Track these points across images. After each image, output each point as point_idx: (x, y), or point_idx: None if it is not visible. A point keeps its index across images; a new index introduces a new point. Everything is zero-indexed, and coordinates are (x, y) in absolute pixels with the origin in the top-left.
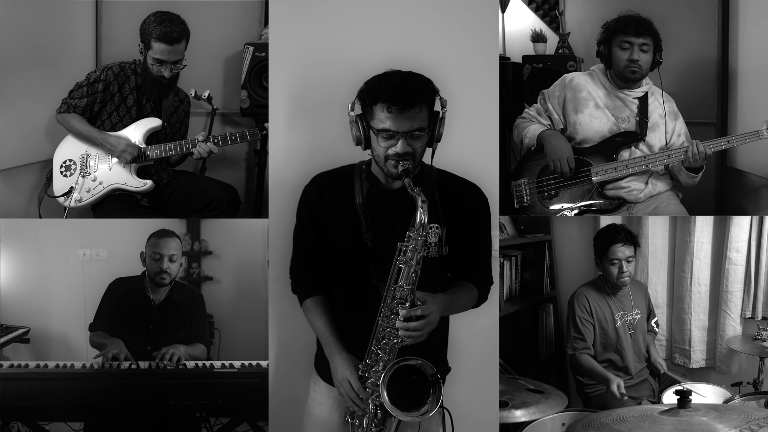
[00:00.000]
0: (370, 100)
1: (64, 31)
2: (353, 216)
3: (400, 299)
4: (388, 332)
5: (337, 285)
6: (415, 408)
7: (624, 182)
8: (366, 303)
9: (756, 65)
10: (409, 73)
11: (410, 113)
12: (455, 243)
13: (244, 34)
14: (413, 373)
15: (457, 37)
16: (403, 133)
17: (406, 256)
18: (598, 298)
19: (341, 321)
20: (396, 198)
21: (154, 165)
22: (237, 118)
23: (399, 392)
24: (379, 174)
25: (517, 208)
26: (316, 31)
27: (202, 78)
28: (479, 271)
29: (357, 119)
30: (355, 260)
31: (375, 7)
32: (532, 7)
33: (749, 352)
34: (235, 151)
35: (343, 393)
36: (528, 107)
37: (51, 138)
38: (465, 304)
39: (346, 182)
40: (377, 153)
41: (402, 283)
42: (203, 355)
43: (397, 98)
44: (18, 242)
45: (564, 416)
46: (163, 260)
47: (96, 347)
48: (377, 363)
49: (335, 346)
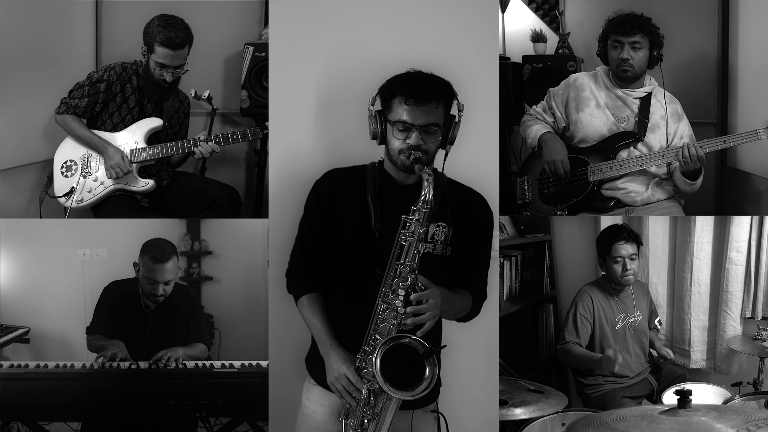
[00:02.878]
0: (390, 94)
1: (64, 31)
2: (364, 208)
3: (401, 276)
4: (388, 313)
5: (339, 278)
6: (410, 388)
7: (621, 183)
8: (369, 297)
9: (756, 65)
10: (430, 74)
11: (427, 107)
12: (457, 248)
13: (244, 34)
14: (408, 357)
15: (457, 37)
16: (418, 126)
17: (409, 231)
18: (602, 299)
19: (340, 316)
20: (408, 193)
21: (155, 165)
22: (237, 118)
23: (394, 375)
24: (391, 170)
25: (519, 204)
26: (316, 31)
27: (202, 78)
28: (476, 282)
29: (376, 114)
30: (361, 251)
31: (375, 7)
32: (532, 7)
33: (749, 352)
34: (235, 151)
35: (339, 389)
36: (534, 105)
37: (51, 138)
38: (460, 307)
39: (359, 177)
40: (392, 146)
41: (404, 260)
42: (203, 354)
43: (415, 91)
44: (18, 242)
45: (564, 416)
46: (158, 286)
47: (94, 350)
48: (374, 350)
49: (330, 344)
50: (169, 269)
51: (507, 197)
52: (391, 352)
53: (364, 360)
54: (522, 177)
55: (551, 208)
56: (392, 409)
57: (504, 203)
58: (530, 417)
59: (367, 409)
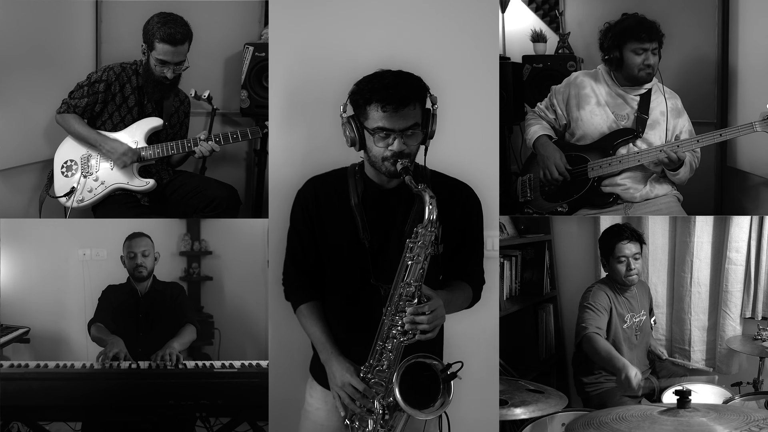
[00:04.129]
0: (364, 100)
1: (64, 31)
2: (349, 217)
3: (407, 296)
4: (395, 332)
5: (333, 287)
6: (426, 405)
7: (620, 179)
8: (365, 303)
9: (756, 64)
10: (399, 72)
11: (405, 111)
12: (449, 242)
13: (244, 34)
14: (420, 372)
15: (457, 37)
16: (399, 132)
17: (414, 252)
18: (613, 297)
19: (337, 324)
20: (392, 197)
21: (155, 165)
22: (237, 118)
23: (408, 391)
24: (372, 174)
25: (522, 202)
26: (316, 31)
27: (202, 78)
28: (472, 271)
29: (349, 120)
30: (352, 261)
31: (375, 7)
32: (532, 7)
33: (749, 352)
34: (235, 151)
35: (343, 397)
36: (539, 103)
37: (51, 138)
38: (461, 303)
39: (340, 184)
40: (374, 153)
41: (409, 280)
42: (193, 335)
43: (391, 97)
44: (18, 242)
45: (564, 416)
46: (137, 257)
47: (96, 341)
48: (381, 363)
49: (332, 352)
50: (144, 243)
51: (507, 197)
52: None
53: (370, 371)
54: (524, 175)
55: (553, 205)
56: (404, 422)
57: (504, 203)
58: (530, 417)
59: (382, 423)
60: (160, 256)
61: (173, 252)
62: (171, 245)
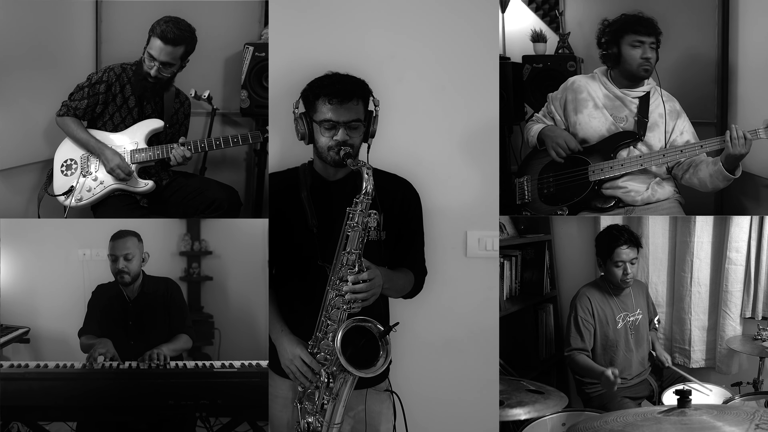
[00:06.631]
0: (313, 96)
1: (64, 31)
2: (301, 207)
3: (348, 264)
4: (337, 301)
5: (286, 271)
6: (368, 366)
7: (621, 182)
8: (312, 282)
9: (756, 65)
10: (346, 74)
11: (349, 105)
12: (390, 233)
13: (244, 34)
14: (361, 340)
15: (457, 37)
16: (343, 123)
17: (353, 221)
18: (601, 299)
19: (289, 303)
20: (337, 188)
21: (155, 166)
22: (237, 118)
23: (351, 356)
24: (320, 168)
25: (519, 204)
26: (316, 31)
27: (202, 78)
28: (413, 259)
29: (301, 116)
30: (302, 245)
31: (375, 7)
32: (532, 7)
33: (749, 352)
34: (235, 152)
35: (293, 370)
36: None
37: (51, 138)
38: (403, 284)
39: (293, 179)
40: (320, 144)
41: (350, 249)
42: (188, 345)
43: (337, 91)
44: (18, 242)
45: (564, 416)
46: (118, 261)
47: (86, 350)
48: (327, 336)
49: (282, 330)
50: (128, 244)
51: (507, 197)
52: (345, 336)
53: (317, 346)
54: (521, 177)
55: (551, 208)
56: (348, 389)
57: (504, 203)
58: (530, 417)
59: (327, 392)
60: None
61: (173, 252)
62: (171, 245)
